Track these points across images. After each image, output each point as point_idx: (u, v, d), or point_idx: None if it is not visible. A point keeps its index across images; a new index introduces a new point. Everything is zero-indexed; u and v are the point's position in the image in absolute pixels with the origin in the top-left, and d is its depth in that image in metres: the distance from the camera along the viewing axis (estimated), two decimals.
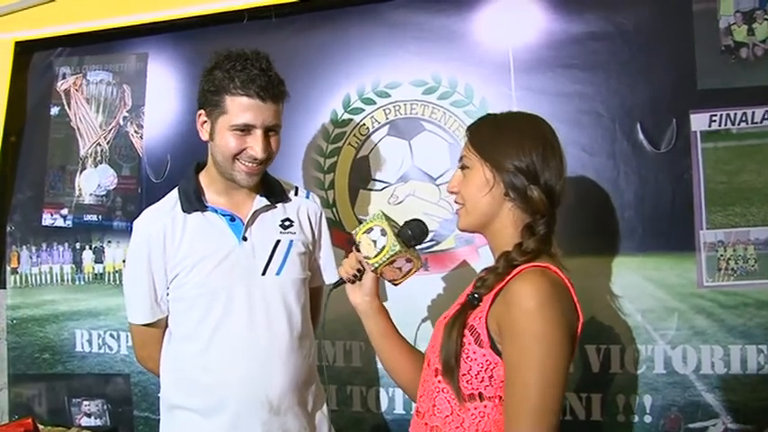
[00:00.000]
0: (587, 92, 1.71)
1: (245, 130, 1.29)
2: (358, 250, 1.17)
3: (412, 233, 1.16)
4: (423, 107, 1.86)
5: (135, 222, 1.42)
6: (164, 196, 1.45)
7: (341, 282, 1.23)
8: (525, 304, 0.90)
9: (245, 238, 1.36)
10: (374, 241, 1.13)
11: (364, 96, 1.91)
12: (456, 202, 1.12)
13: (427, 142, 1.86)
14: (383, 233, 1.13)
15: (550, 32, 1.74)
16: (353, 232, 1.18)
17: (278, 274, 1.37)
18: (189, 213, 1.36)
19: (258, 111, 1.28)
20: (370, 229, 1.15)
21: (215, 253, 1.35)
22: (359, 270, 1.20)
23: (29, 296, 2.26)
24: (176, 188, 1.42)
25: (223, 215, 1.37)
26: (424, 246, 1.81)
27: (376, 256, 1.13)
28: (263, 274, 1.36)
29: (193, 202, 1.37)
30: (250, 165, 1.31)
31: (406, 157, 1.87)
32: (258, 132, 1.29)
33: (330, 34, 1.93)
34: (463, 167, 1.09)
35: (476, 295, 1.00)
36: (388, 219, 1.17)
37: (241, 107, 1.27)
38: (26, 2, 2.11)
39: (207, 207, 1.37)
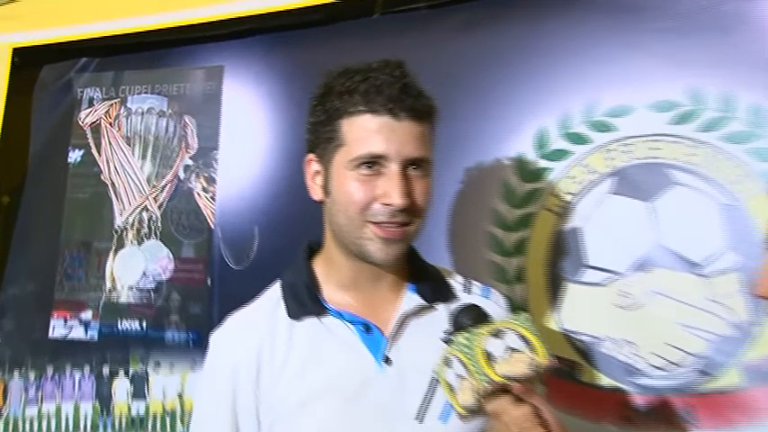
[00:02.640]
0: None
1: (374, 165, 1.34)
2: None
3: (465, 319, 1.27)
4: (672, 146, 1.86)
5: (213, 338, 1.48)
6: (248, 292, 1.51)
7: None
8: None
9: (387, 360, 1.39)
10: (459, 380, 1.22)
11: (571, 131, 1.94)
12: None
13: (681, 204, 1.85)
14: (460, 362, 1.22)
15: None
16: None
17: (443, 419, 1.37)
18: (298, 320, 1.41)
19: (390, 133, 1.34)
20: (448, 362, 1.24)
21: (340, 384, 1.37)
22: None
23: None
24: (277, 283, 1.48)
25: (352, 322, 1.40)
26: (686, 381, 1.80)
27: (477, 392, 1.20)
28: (420, 419, 1.37)
29: (306, 302, 1.42)
30: (386, 225, 1.35)
31: (647, 230, 1.87)
32: (393, 168, 1.34)
33: (511, 34, 2.00)
34: None
35: None
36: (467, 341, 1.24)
37: (364, 129, 1.35)
38: None
39: (327, 309, 1.41)
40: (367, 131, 1.34)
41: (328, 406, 1.36)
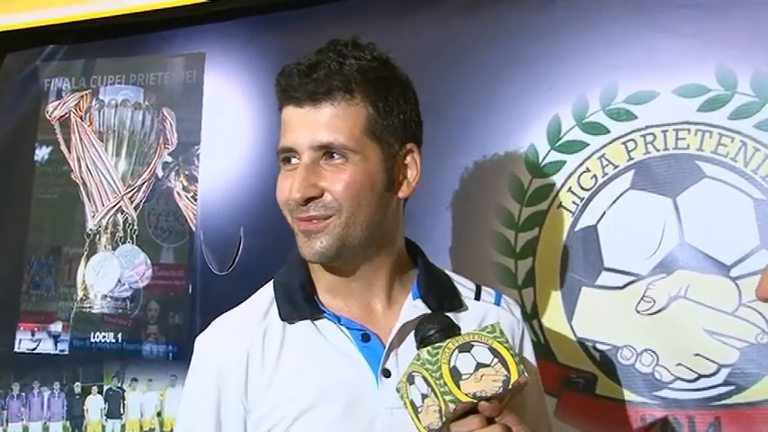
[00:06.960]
0: None
1: (291, 160, 1.36)
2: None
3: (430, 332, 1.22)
4: (699, 135, 1.84)
5: (198, 341, 1.44)
6: (233, 299, 1.47)
7: None
8: None
9: (386, 373, 1.35)
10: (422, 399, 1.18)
11: (586, 120, 1.92)
12: None
13: (709, 200, 1.83)
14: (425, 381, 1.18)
15: None
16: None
17: None
18: (291, 323, 1.39)
19: (295, 123, 1.35)
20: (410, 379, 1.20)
21: (334, 395, 1.34)
22: None
23: None
24: (270, 283, 1.46)
25: (350, 328, 1.38)
26: (713, 394, 1.79)
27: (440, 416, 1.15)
28: None
29: (299, 303, 1.39)
30: (301, 218, 1.34)
31: (670, 228, 1.85)
32: (303, 160, 1.33)
33: (517, 14, 1.97)
34: None
35: None
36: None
37: (281, 123, 1.37)
38: None
39: (323, 312, 1.39)
40: (282, 125, 1.37)
41: (322, 418, 1.33)
